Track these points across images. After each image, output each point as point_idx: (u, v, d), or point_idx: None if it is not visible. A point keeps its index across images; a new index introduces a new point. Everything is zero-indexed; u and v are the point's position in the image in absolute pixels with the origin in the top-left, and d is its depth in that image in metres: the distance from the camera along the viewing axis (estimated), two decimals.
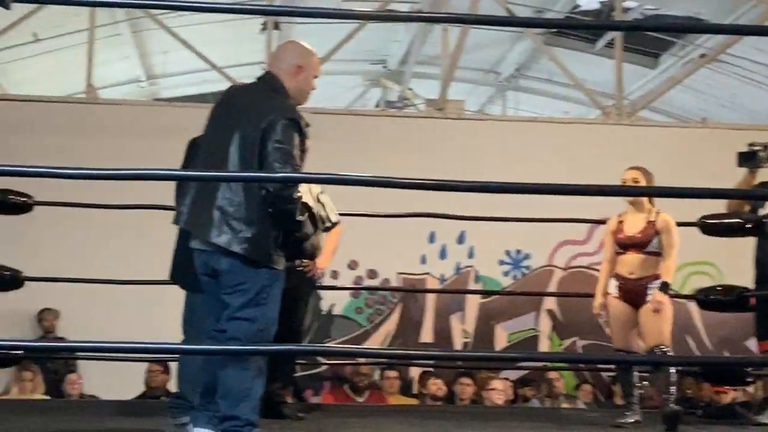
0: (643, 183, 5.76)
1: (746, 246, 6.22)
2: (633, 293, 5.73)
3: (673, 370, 5.62)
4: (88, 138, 8.92)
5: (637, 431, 5.44)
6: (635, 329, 5.79)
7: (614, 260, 5.88)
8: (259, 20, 10.93)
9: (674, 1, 11.40)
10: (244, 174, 3.96)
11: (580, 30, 12.43)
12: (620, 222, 5.86)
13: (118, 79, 12.43)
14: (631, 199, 5.79)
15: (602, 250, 6.17)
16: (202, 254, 4.08)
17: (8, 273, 5.76)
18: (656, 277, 5.70)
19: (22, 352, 5.68)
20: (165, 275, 4.97)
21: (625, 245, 5.79)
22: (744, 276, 6.24)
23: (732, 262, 7.24)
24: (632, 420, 5.57)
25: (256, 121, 3.95)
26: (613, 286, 5.85)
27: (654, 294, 5.62)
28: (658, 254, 5.72)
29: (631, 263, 5.76)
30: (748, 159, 5.94)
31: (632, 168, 5.84)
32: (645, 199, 5.78)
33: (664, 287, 5.64)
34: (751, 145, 5.99)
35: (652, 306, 5.61)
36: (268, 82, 4.19)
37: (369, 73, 13.52)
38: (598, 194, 4.02)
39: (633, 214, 5.82)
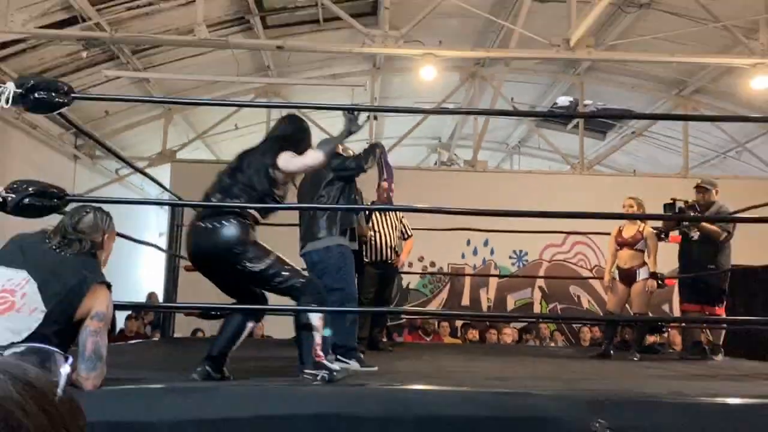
0: (635, 208, 5.58)
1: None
2: (627, 277, 5.61)
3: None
4: None
5: (610, 360, 5.29)
6: (624, 301, 5.67)
7: (615, 255, 5.75)
8: (364, 115, 10.99)
9: (615, 100, 11.21)
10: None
11: (558, 118, 12.31)
12: (620, 230, 5.75)
13: None
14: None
15: (607, 250, 5.98)
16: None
17: None
18: (641, 264, 5.57)
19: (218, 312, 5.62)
20: None
21: (621, 244, 5.67)
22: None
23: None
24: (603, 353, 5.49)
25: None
26: (615, 273, 5.74)
27: (649, 282, 5.49)
28: (642, 251, 5.61)
29: (625, 257, 5.64)
30: (669, 208, 5.70)
31: (630, 197, 5.68)
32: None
33: (654, 276, 5.52)
34: (672, 199, 5.72)
35: (646, 287, 5.48)
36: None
37: (430, 144, 13.53)
38: (574, 217, 3.96)
39: (628, 226, 5.70)
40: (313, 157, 3.08)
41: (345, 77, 10.23)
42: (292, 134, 3.21)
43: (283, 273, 2.91)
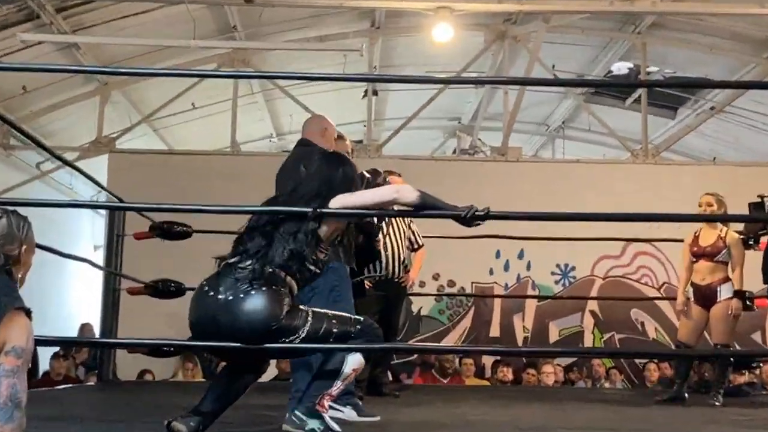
0: (715, 207, 5.59)
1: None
2: (705, 296, 5.60)
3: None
4: (233, 182, 9.10)
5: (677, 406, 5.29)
6: (702, 328, 5.67)
7: (690, 269, 5.73)
8: (361, 89, 11.06)
9: (688, 66, 11.22)
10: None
11: (613, 89, 12.32)
12: (696, 237, 5.74)
13: (255, 136, 12.68)
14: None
15: (679, 263, 5.96)
16: None
17: (173, 284, 5.87)
18: (724, 280, 5.57)
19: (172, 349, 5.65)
20: None
21: (699, 255, 5.66)
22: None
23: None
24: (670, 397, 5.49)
25: None
26: (690, 292, 5.72)
27: (733, 303, 5.50)
28: (725, 263, 5.60)
29: (702, 271, 5.63)
30: (757, 208, 5.70)
31: (708, 194, 5.69)
32: None
33: (740, 295, 5.52)
34: (760, 196, 5.74)
35: (729, 309, 5.49)
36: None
37: (447, 127, 13.55)
38: (636, 220, 3.96)
39: (706, 230, 5.69)
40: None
41: (335, 40, 10.25)
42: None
43: (334, 330, 2.98)
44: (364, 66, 10.42)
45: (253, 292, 2.89)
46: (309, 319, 2.95)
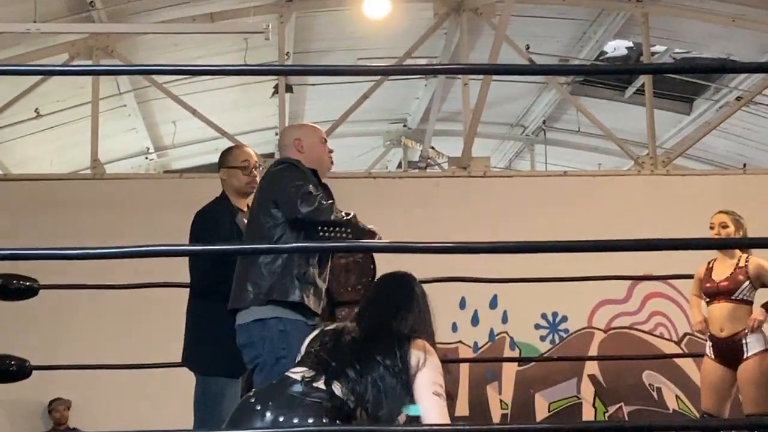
0: (731, 228, 5.68)
1: None
2: (728, 353, 5.64)
3: None
4: (96, 215, 8.95)
5: None
6: (729, 393, 5.70)
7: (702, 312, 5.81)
8: (270, 84, 11.01)
9: (704, 43, 11.42)
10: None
11: (608, 76, 12.44)
12: (709, 269, 5.79)
13: (126, 152, 12.52)
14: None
15: (688, 298, 6.01)
16: None
17: (14, 363, 5.72)
18: (754, 328, 5.62)
19: None
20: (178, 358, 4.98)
21: (712, 294, 5.71)
22: None
23: None
24: None
25: None
26: (707, 347, 5.76)
27: (755, 312, 5.54)
28: (749, 303, 5.64)
29: (720, 316, 5.68)
30: None
31: (721, 212, 5.78)
32: None
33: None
34: None
35: (750, 324, 5.52)
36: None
37: (390, 133, 13.58)
38: (644, 249, 3.97)
39: (722, 260, 5.76)
40: None
41: (232, 18, 10.21)
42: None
43: None
44: (273, 53, 10.38)
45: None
46: None
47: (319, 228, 4.42)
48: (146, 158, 12.99)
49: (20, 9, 8.85)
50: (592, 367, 9.96)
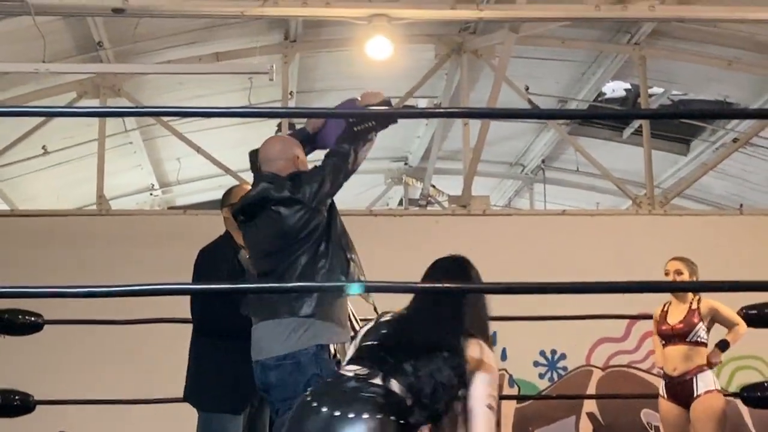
0: (686, 274, 5.75)
1: None
2: (680, 391, 5.68)
3: None
4: (101, 250, 8.98)
5: None
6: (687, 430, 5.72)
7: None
8: (274, 122, 11.06)
9: (701, 86, 11.48)
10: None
11: (608, 120, 12.48)
12: (664, 312, 5.85)
13: (131, 188, 12.55)
14: None
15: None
16: None
17: (18, 398, 5.72)
18: (701, 368, 5.64)
19: None
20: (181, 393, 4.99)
21: (668, 336, 5.77)
22: None
23: None
24: None
25: None
26: (661, 387, 5.80)
27: (711, 352, 5.57)
28: (702, 344, 5.68)
29: (674, 357, 5.75)
30: None
31: (675, 259, 5.85)
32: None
33: (723, 345, 5.59)
34: None
35: (711, 410, 5.54)
36: None
37: (391, 171, 13.61)
38: (639, 291, 3.99)
39: (676, 305, 5.82)
40: None
41: (236, 58, 10.28)
42: None
43: None
44: (277, 91, 10.44)
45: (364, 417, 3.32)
46: None
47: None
48: (151, 194, 13.01)
49: (30, 47, 8.89)
50: (590, 405, 9.94)
